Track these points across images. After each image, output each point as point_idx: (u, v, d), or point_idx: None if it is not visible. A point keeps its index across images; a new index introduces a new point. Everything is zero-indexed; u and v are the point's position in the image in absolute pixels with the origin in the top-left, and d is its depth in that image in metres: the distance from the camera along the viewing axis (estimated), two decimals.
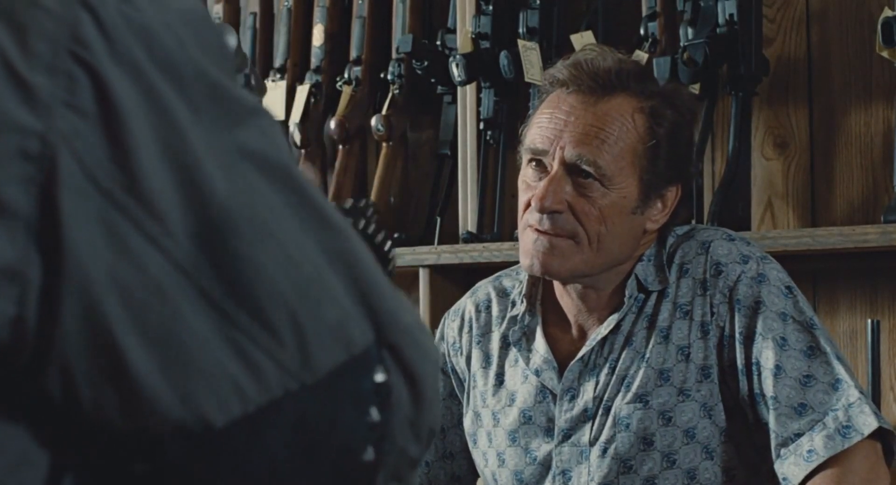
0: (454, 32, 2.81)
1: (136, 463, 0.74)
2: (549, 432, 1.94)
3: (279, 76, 3.02)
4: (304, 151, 2.99)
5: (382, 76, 2.92)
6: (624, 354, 1.91)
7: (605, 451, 1.89)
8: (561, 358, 1.96)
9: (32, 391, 0.73)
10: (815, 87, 2.52)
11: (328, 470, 0.77)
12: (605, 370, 1.92)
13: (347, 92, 2.94)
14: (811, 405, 1.82)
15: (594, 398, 1.92)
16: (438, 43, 2.83)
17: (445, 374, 2.06)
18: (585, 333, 1.96)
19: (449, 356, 2.07)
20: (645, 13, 2.53)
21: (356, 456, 0.78)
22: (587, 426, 1.91)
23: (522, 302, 1.99)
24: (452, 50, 2.78)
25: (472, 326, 2.05)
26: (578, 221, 1.86)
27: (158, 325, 0.72)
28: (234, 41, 0.85)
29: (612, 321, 1.92)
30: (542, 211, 1.86)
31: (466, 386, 2.05)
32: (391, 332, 0.79)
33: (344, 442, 0.77)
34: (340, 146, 2.97)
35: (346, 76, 2.95)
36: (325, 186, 2.96)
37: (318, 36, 3.00)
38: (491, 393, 2.01)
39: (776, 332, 1.85)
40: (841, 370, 1.84)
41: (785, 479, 1.83)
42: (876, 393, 2.32)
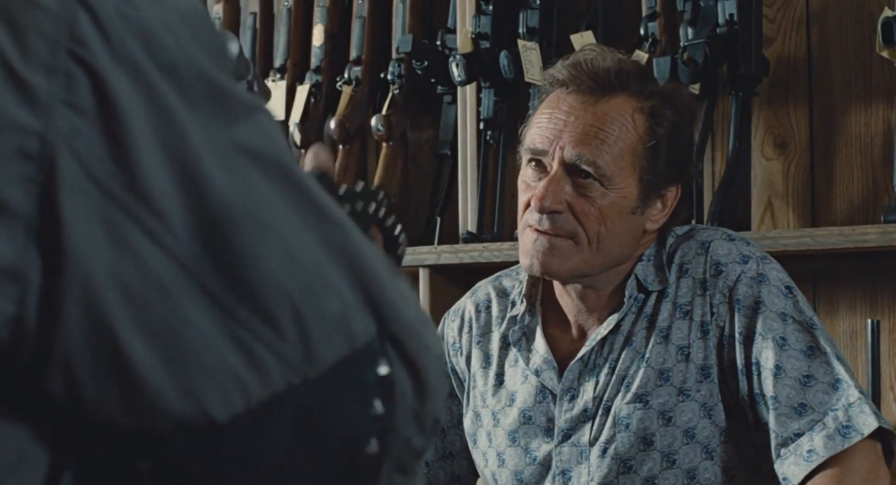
0: (454, 32, 2.80)
1: (139, 460, 0.74)
2: (548, 432, 1.94)
3: (279, 76, 3.02)
4: (303, 151, 2.99)
5: (382, 76, 2.92)
6: (624, 355, 1.91)
7: (604, 451, 1.89)
8: (561, 358, 1.96)
9: (34, 391, 0.73)
10: (815, 87, 2.52)
11: (332, 463, 0.78)
12: (604, 370, 1.92)
13: (347, 92, 2.94)
14: (811, 405, 1.82)
15: (594, 398, 1.92)
16: (438, 43, 2.83)
17: (445, 374, 2.06)
18: (585, 333, 1.95)
19: (449, 356, 2.07)
20: (645, 13, 2.53)
21: (360, 449, 0.78)
22: (587, 426, 1.91)
23: (522, 302, 1.99)
24: (452, 50, 2.78)
25: (471, 327, 2.05)
26: (578, 222, 1.86)
27: (160, 321, 0.73)
28: (235, 48, 0.85)
29: (611, 321, 1.92)
30: (541, 211, 1.86)
31: (466, 386, 2.05)
32: (393, 324, 0.79)
33: (348, 435, 0.77)
34: (340, 146, 2.97)
35: (346, 76, 2.95)
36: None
37: (318, 36, 2.99)
38: (491, 393, 2.01)
39: (776, 332, 1.85)
40: (841, 370, 1.84)
41: (785, 479, 1.83)
42: (876, 393, 2.32)
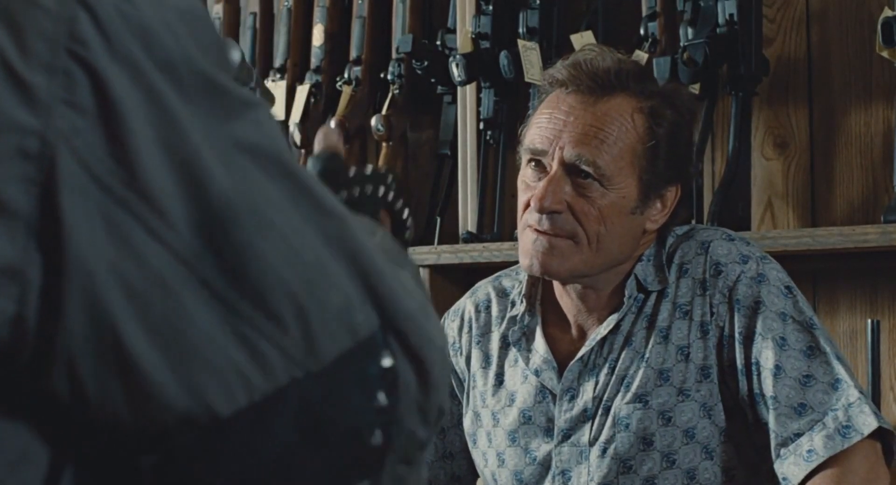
0: (454, 32, 2.81)
1: (142, 456, 0.75)
2: (548, 432, 1.94)
3: (279, 76, 3.02)
4: (303, 151, 2.99)
5: (382, 76, 2.92)
6: (623, 355, 1.91)
7: (604, 451, 1.89)
8: (560, 358, 1.95)
9: (35, 390, 0.73)
10: (815, 87, 2.52)
11: (336, 455, 0.78)
12: (604, 370, 1.92)
13: (347, 92, 2.94)
14: (811, 405, 1.82)
15: (594, 398, 1.91)
16: (438, 43, 2.83)
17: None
18: (585, 334, 1.95)
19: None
20: (645, 13, 2.53)
21: (364, 441, 0.78)
22: (587, 426, 1.91)
23: (522, 302, 1.99)
24: (452, 50, 2.78)
25: (471, 327, 2.05)
26: (578, 222, 1.86)
27: (162, 318, 0.73)
28: (238, 55, 0.85)
29: (611, 321, 1.92)
30: (541, 211, 1.86)
31: (466, 386, 2.05)
32: (396, 317, 0.79)
33: (351, 427, 0.78)
34: None
35: (346, 76, 2.95)
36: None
37: (318, 36, 3.00)
38: (490, 393, 2.01)
39: (776, 332, 1.85)
40: (841, 370, 1.84)
41: (785, 479, 1.83)
42: (876, 393, 2.32)
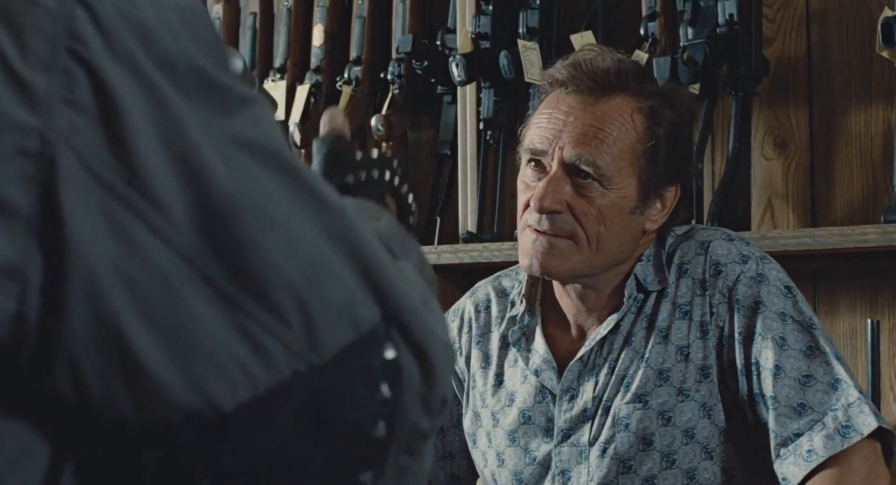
0: (454, 32, 2.80)
1: (146, 452, 0.75)
2: (548, 432, 1.94)
3: (279, 76, 3.02)
4: (304, 151, 2.99)
5: (382, 76, 2.92)
6: (623, 355, 1.91)
7: (604, 451, 1.89)
8: (560, 358, 1.95)
9: (36, 389, 0.73)
10: (815, 87, 2.52)
11: (340, 447, 0.78)
12: (604, 370, 1.92)
13: (347, 92, 2.94)
14: (810, 405, 1.82)
15: (593, 398, 1.91)
16: (438, 43, 2.83)
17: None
18: (585, 334, 1.95)
19: None
20: (645, 13, 2.53)
21: (367, 432, 0.79)
22: (586, 426, 1.91)
23: (522, 302, 1.99)
24: (452, 50, 2.78)
25: (471, 327, 2.05)
26: (577, 222, 1.86)
27: (165, 314, 0.73)
28: (240, 64, 0.85)
29: (611, 321, 1.92)
30: (541, 211, 1.86)
31: (466, 386, 2.05)
32: (397, 309, 0.80)
33: (355, 419, 0.78)
34: None
35: (346, 76, 2.95)
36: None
37: (318, 36, 2.99)
38: (490, 393, 2.01)
39: (775, 332, 1.85)
40: (840, 370, 1.84)
41: (784, 479, 1.82)
42: (876, 393, 2.32)
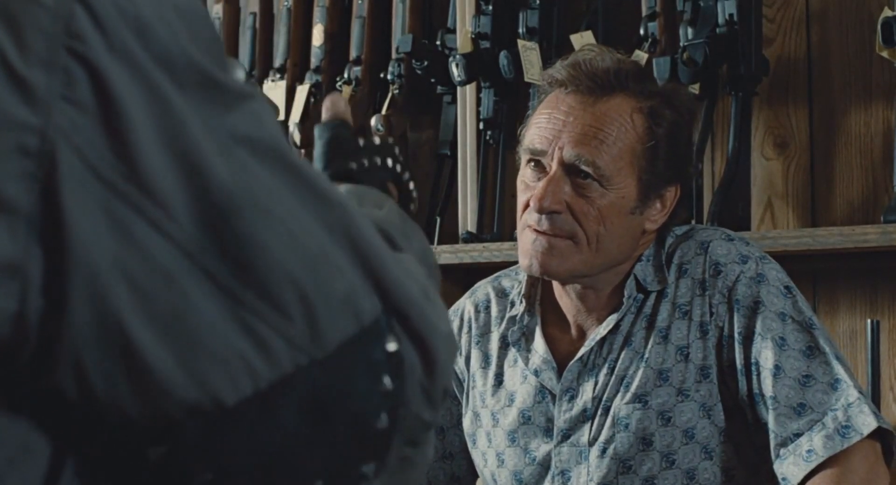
0: (454, 32, 2.80)
1: (149, 447, 0.75)
2: (548, 432, 1.94)
3: (279, 76, 3.02)
4: (303, 151, 2.99)
5: (382, 76, 2.92)
6: (623, 355, 1.91)
7: (604, 451, 1.89)
8: (560, 358, 1.95)
9: (39, 387, 0.73)
10: (815, 87, 2.52)
11: (342, 439, 0.79)
12: (604, 370, 1.92)
13: (347, 92, 2.94)
14: (810, 405, 1.82)
15: (593, 398, 1.91)
16: (438, 43, 2.83)
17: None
18: (584, 334, 1.95)
19: None
20: (645, 13, 2.53)
21: (370, 424, 0.79)
22: (586, 426, 1.91)
23: (521, 302, 1.99)
24: (452, 50, 2.78)
25: (471, 327, 2.05)
26: (577, 222, 1.86)
27: (167, 309, 0.73)
28: (241, 74, 0.85)
29: (611, 321, 1.92)
30: (540, 211, 1.86)
31: (465, 386, 2.05)
32: (398, 301, 0.80)
33: (358, 411, 0.79)
34: None
35: (346, 76, 2.95)
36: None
37: (318, 36, 2.99)
38: (490, 393, 2.01)
39: (775, 332, 1.85)
40: (840, 370, 1.84)
41: (784, 479, 1.82)
42: (876, 393, 2.32)
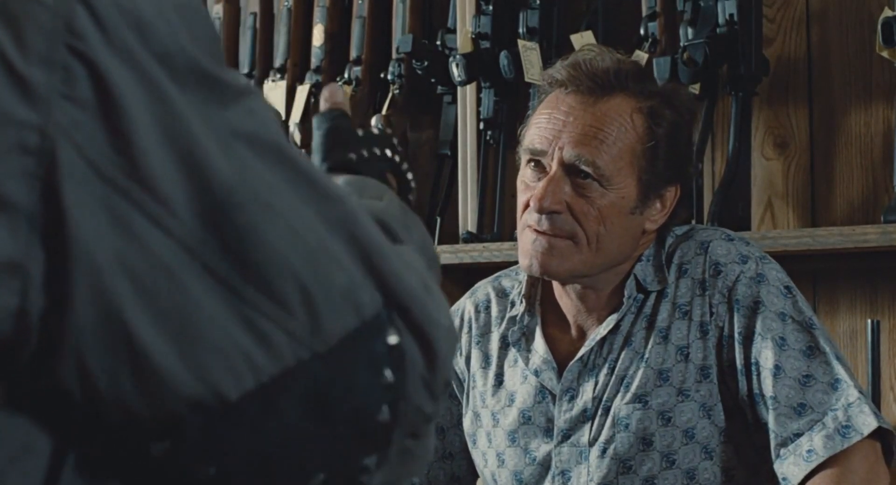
0: (454, 32, 2.80)
1: (152, 443, 0.75)
2: (548, 432, 1.94)
3: (279, 76, 3.02)
4: (304, 151, 2.98)
5: (382, 76, 2.92)
6: (623, 355, 1.91)
7: (604, 451, 1.89)
8: (560, 358, 1.95)
9: (40, 384, 0.73)
10: (815, 87, 2.52)
11: (344, 432, 0.79)
12: (604, 370, 1.92)
13: (348, 92, 2.93)
14: (810, 405, 1.82)
15: (593, 399, 1.91)
16: (438, 43, 2.83)
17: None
18: (584, 334, 1.95)
19: None
20: (645, 13, 2.53)
21: (372, 417, 0.80)
22: (586, 427, 1.91)
23: (522, 302, 1.99)
24: (452, 50, 2.78)
25: (471, 327, 2.05)
26: (577, 222, 1.86)
27: (169, 305, 0.74)
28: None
29: (611, 321, 1.92)
30: (540, 211, 1.86)
31: (466, 386, 2.05)
32: (398, 294, 0.81)
33: (359, 405, 0.79)
34: None
35: (346, 76, 2.95)
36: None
37: (318, 36, 2.99)
38: (490, 393, 2.01)
39: (775, 332, 1.85)
40: (840, 370, 1.84)
41: (784, 479, 1.83)
42: (876, 393, 2.32)
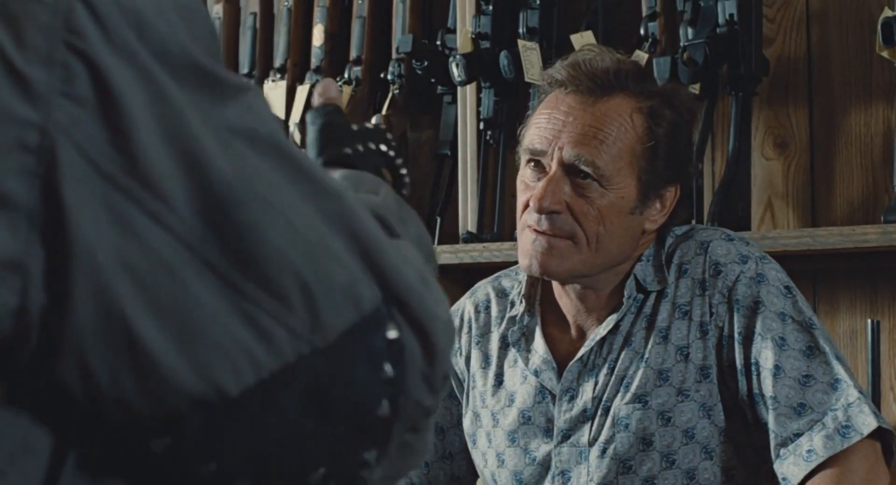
0: (454, 32, 2.80)
1: (153, 440, 0.75)
2: (548, 432, 1.94)
3: (279, 76, 3.02)
4: (304, 151, 2.98)
5: (382, 76, 2.92)
6: (623, 355, 1.91)
7: (604, 451, 1.89)
8: (560, 358, 1.95)
9: (41, 382, 0.73)
10: (815, 87, 2.52)
11: (345, 428, 0.79)
12: (604, 371, 1.92)
13: (347, 92, 2.93)
14: (810, 405, 1.82)
15: (593, 399, 1.91)
16: (438, 43, 2.83)
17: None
18: (584, 334, 1.95)
19: None
20: (645, 13, 2.53)
21: (372, 411, 0.80)
22: (586, 427, 1.91)
23: (521, 302, 1.99)
24: (452, 50, 2.78)
25: (471, 327, 2.05)
26: (577, 222, 1.86)
27: (169, 302, 0.74)
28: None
29: (610, 322, 1.92)
30: (540, 211, 1.86)
31: (466, 386, 2.05)
32: (397, 289, 0.81)
33: (359, 399, 0.79)
34: None
35: (346, 76, 2.95)
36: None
37: (318, 36, 2.99)
38: (490, 393, 2.01)
39: (775, 332, 1.85)
40: (840, 370, 1.84)
41: (784, 479, 1.82)
42: (876, 393, 2.32)
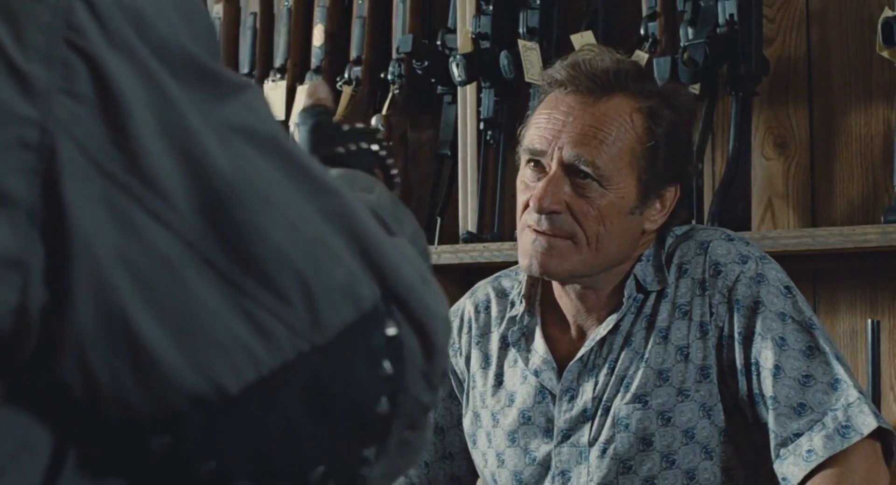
0: (454, 32, 2.80)
1: (153, 438, 0.75)
2: (548, 432, 1.94)
3: (279, 76, 3.02)
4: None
5: (382, 76, 2.92)
6: (623, 355, 1.91)
7: (604, 451, 1.89)
8: (560, 358, 1.95)
9: (41, 380, 0.73)
10: (815, 87, 2.52)
11: (344, 425, 0.79)
12: (604, 371, 1.92)
13: (347, 92, 2.93)
14: (810, 405, 1.82)
15: (593, 399, 1.91)
16: (438, 43, 2.83)
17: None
18: (584, 334, 1.95)
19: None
20: (645, 13, 2.53)
21: (371, 409, 0.80)
22: (586, 427, 1.91)
23: (521, 302, 1.99)
24: (452, 50, 2.78)
25: (471, 327, 2.05)
26: (577, 222, 1.86)
27: (169, 299, 0.74)
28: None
29: (610, 322, 1.92)
30: (540, 211, 1.86)
31: (466, 387, 2.05)
32: (396, 287, 0.81)
33: (358, 397, 0.79)
34: None
35: (346, 76, 2.95)
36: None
37: (318, 36, 2.99)
38: (490, 393, 2.01)
39: (775, 332, 1.85)
40: (840, 370, 1.84)
41: (784, 479, 1.83)
42: (876, 393, 2.32)
